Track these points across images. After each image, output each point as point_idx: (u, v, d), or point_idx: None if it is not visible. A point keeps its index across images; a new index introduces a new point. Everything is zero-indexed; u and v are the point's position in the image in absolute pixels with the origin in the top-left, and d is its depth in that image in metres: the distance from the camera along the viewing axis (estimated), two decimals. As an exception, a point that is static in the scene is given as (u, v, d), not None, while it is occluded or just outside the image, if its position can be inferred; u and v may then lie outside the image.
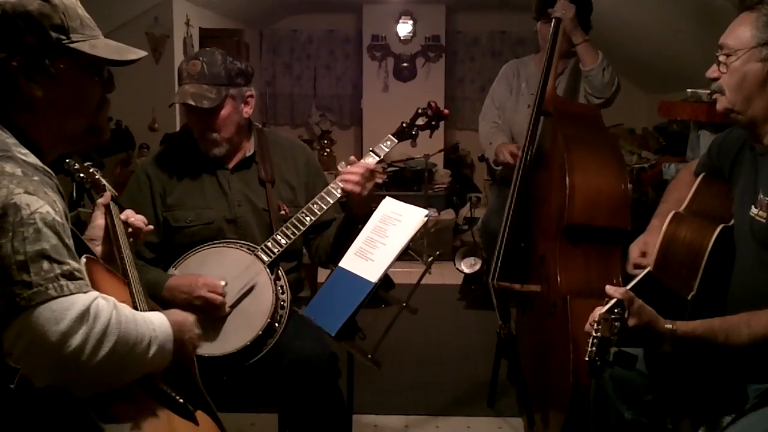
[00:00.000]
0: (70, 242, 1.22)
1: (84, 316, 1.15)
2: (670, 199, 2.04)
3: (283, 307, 2.08)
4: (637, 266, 1.93)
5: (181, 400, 1.41)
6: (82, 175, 1.79)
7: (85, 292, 1.19)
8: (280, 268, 2.14)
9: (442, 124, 2.45)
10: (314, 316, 1.90)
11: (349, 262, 1.93)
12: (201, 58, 2.15)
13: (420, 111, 2.35)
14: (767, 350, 1.49)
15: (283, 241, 2.11)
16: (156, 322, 1.32)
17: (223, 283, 2.03)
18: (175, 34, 5.44)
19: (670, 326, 1.53)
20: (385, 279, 1.84)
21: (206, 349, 1.98)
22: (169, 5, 5.36)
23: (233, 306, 2.05)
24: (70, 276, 1.17)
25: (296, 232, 2.13)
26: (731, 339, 1.50)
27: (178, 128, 5.26)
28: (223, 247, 2.13)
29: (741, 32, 1.62)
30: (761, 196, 1.61)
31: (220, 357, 1.98)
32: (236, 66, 2.18)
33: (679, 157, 4.18)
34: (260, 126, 2.36)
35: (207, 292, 2.01)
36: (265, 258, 2.09)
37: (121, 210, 1.74)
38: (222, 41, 5.91)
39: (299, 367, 1.98)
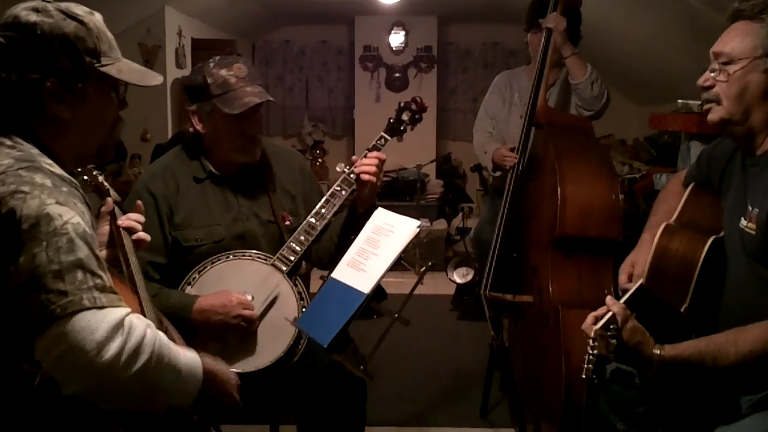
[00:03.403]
0: (100, 253, 1.23)
1: (119, 327, 1.15)
2: (659, 211, 2.03)
3: None
4: (625, 291, 1.90)
5: (196, 418, 1.40)
6: (85, 177, 1.75)
7: (117, 307, 1.18)
8: (297, 275, 2.10)
9: (434, 134, 2.45)
10: (306, 327, 1.89)
11: (341, 272, 1.92)
12: (241, 61, 2.11)
13: (403, 105, 2.34)
14: (759, 362, 1.49)
15: (298, 249, 2.08)
16: (187, 359, 1.31)
17: (250, 297, 2.01)
18: (168, 45, 5.45)
19: (657, 351, 1.53)
20: (378, 289, 1.84)
21: (240, 365, 1.97)
22: (162, 16, 5.36)
23: (259, 319, 2.02)
24: (103, 289, 1.17)
25: (309, 237, 2.09)
26: (719, 359, 1.50)
27: (169, 138, 5.25)
28: (239, 259, 2.08)
29: (741, 41, 1.60)
30: (750, 207, 1.61)
31: (254, 372, 1.96)
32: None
33: (670, 167, 4.20)
34: None
35: (242, 309, 1.97)
36: (283, 267, 2.06)
37: (124, 212, 1.71)
38: (214, 52, 5.81)
39: (333, 371, 1.96)
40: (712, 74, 1.66)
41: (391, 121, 2.31)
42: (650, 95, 6.27)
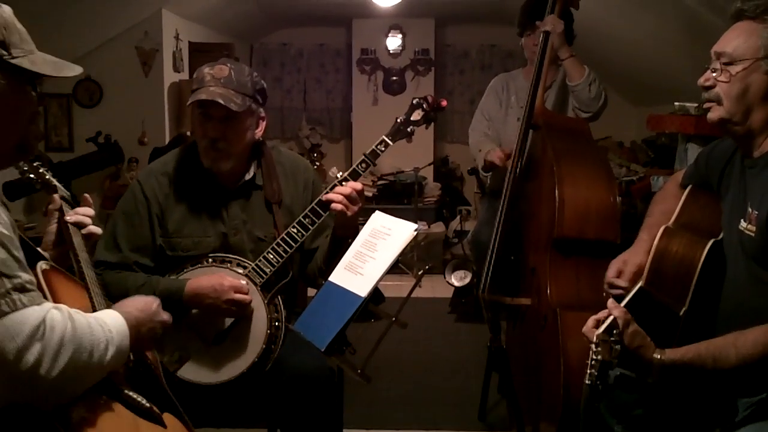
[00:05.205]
0: (19, 254, 1.21)
1: (38, 329, 1.14)
2: (656, 212, 2.02)
3: (278, 328, 2.02)
4: (611, 285, 1.90)
5: (147, 404, 1.39)
6: (31, 175, 1.71)
7: (39, 304, 1.18)
8: (275, 286, 2.05)
9: (431, 136, 2.39)
10: (304, 330, 1.88)
11: (338, 276, 1.92)
12: (228, 65, 2.06)
13: (415, 102, 2.18)
14: (756, 365, 1.49)
15: (274, 261, 2.03)
16: (110, 323, 1.31)
17: (244, 282, 1.99)
18: (165, 48, 5.43)
19: (658, 356, 1.52)
20: (375, 293, 1.83)
21: (202, 377, 1.97)
22: (159, 19, 5.35)
23: (227, 332, 2.01)
24: (22, 289, 1.16)
25: (288, 249, 2.03)
26: (720, 363, 1.49)
27: (167, 142, 5.24)
28: (214, 267, 2.05)
29: (744, 41, 1.59)
30: (750, 209, 1.60)
31: (215, 385, 1.96)
32: (260, 83, 2.10)
33: (668, 169, 4.21)
34: (265, 143, 2.23)
35: (234, 294, 1.95)
36: (257, 280, 2.02)
37: (73, 208, 1.68)
38: (212, 55, 5.89)
39: (299, 383, 1.95)
40: (713, 74, 1.65)
41: (399, 121, 2.17)
42: (648, 97, 6.27)
